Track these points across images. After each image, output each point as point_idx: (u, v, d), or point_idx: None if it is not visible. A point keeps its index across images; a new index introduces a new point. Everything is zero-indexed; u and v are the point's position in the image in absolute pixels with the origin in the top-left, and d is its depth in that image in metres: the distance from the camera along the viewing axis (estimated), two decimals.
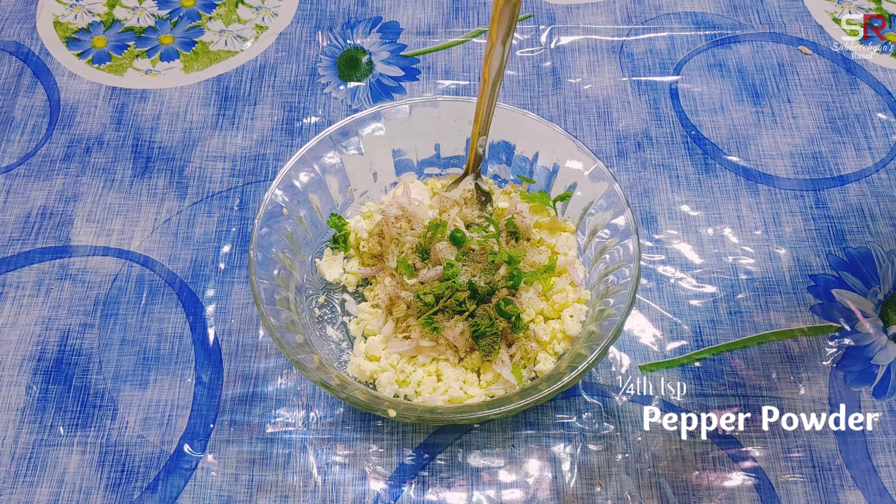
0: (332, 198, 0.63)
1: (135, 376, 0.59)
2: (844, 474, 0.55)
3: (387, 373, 0.55)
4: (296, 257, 0.59)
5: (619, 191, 0.57)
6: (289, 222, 0.59)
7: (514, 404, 0.49)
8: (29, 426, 0.57)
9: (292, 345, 0.52)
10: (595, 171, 0.58)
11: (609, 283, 0.56)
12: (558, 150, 0.61)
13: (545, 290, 0.59)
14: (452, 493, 0.54)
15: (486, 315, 0.56)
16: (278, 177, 0.58)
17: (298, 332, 0.54)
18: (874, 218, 0.67)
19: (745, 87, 0.76)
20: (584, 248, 0.61)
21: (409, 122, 0.62)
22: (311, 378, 0.50)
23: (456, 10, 0.81)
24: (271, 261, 0.56)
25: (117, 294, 0.63)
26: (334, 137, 0.60)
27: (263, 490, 0.54)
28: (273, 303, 0.54)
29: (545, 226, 0.62)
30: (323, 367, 0.53)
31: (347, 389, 0.51)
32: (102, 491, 0.54)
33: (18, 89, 0.75)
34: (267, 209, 0.56)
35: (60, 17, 0.81)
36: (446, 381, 0.55)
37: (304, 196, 0.60)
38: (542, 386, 0.52)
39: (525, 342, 0.56)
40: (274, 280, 0.55)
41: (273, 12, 0.81)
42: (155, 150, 0.71)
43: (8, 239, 0.66)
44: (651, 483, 0.54)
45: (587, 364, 0.50)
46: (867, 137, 0.72)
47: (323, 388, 0.50)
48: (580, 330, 0.57)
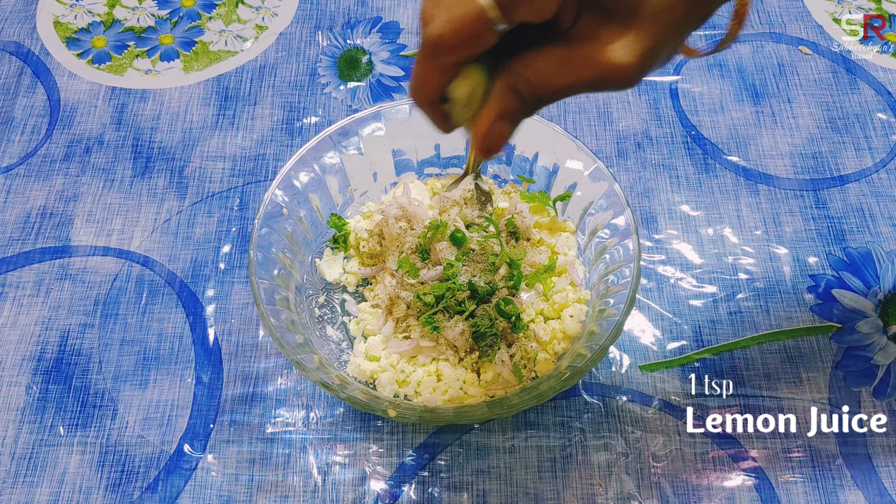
0: (332, 198, 0.63)
1: (135, 376, 0.59)
2: (844, 474, 0.55)
3: (387, 373, 0.55)
4: (296, 257, 0.59)
5: (618, 191, 0.57)
6: (289, 222, 0.59)
7: (514, 404, 0.49)
8: (29, 426, 0.57)
9: (292, 345, 0.52)
10: (595, 171, 0.58)
11: (609, 283, 0.56)
12: (558, 150, 0.61)
13: (545, 291, 0.59)
14: (452, 493, 0.54)
15: (486, 315, 0.56)
16: (278, 177, 0.58)
17: (298, 332, 0.54)
18: (874, 218, 0.67)
19: (745, 87, 0.76)
20: (584, 248, 0.61)
21: (409, 121, 0.62)
22: (312, 378, 0.50)
23: None
24: (271, 261, 0.56)
25: (117, 294, 0.63)
26: (334, 137, 0.60)
27: (263, 490, 0.54)
28: (273, 303, 0.54)
29: (545, 226, 0.62)
30: (323, 367, 0.53)
31: (348, 389, 0.51)
32: (102, 491, 0.54)
33: (18, 89, 0.75)
34: (267, 209, 0.56)
35: (60, 16, 0.81)
36: (446, 381, 0.55)
37: (303, 196, 0.60)
38: (542, 385, 0.52)
39: (525, 342, 0.56)
40: (274, 280, 0.55)
41: (273, 12, 0.81)
42: (155, 150, 0.71)
43: (8, 239, 0.66)
44: (651, 483, 0.54)
45: (587, 362, 0.50)
46: (867, 137, 0.72)
47: (323, 388, 0.50)
48: (580, 330, 0.57)
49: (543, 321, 0.58)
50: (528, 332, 0.56)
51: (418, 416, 0.50)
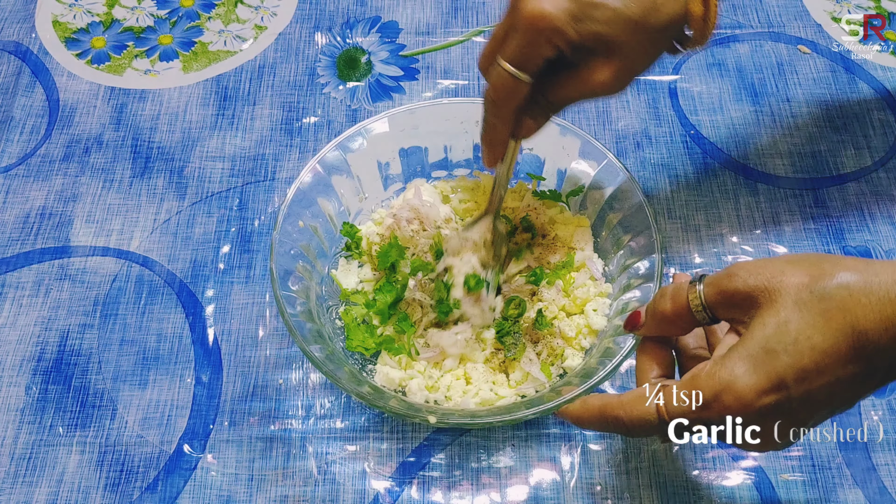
0: (345, 206, 0.63)
1: (134, 376, 0.59)
2: (844, 473, 0.55)
3: (415, 380, 0.55)
4: (314, 269, 0.59)
5: (633, 182, 0.57)
6: (305, 233, 0.58)
7: (552, 403, 0.49)
8: (28, 426, 0.57)
9: (321, 358, 0.52)
10: (607, 166, 0.58)
11: (631, 276, 0.56)
12: (568, 146, 0.61)
13: (565, 287, 0.58)
14: (452, 493, 0.54)
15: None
16: (291, 190, 0.58)
17: (326, 345, 0.54)
18: (873, 217, 0.67)
19: (744, 87, 0.76)
20: (603, 242, 0.61)
21: (416, 125, 0.62)
22: (347, 390, 0.50)
23: (455, 10, 0.81)
24: (291, 273, 0.56)
25: (117, 294, 0.63)
26: (343, 145, 0.61)
27: (263, 490, 0.54)
28: (297, 315, 0.54)
29: (559, 220, 0.62)
30: (355, 378, 0.53)
31: (384, 398, 0.52)
32: (102, 491, 0.54)
33: (17, 89, 0.75)
34: (283, 223, 0.56)
35: (59, 16, 0.81)
36: (475, 384, 0.55)
37: (317, 208, 0.60)
38: (575, 381, 0.52)
39: (550, 339, 0.56)
40: (295, 293, 0.55)
41: (272, 12, 0.81)
42: (154, 150, 0.71)
43: (7, 239, 0.66)
44: (651, 483, 0.54)
45: (622, 356, 0.50)
46: (866, 136, 0.72)
47: (359, 398, 0.50)
48: (605, 324, 0.57)
49: (566, 317, 0.58)
50: (552, 329, 0.56)
51: (457, 420, 0.50)
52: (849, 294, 0.37)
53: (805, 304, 0.38)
